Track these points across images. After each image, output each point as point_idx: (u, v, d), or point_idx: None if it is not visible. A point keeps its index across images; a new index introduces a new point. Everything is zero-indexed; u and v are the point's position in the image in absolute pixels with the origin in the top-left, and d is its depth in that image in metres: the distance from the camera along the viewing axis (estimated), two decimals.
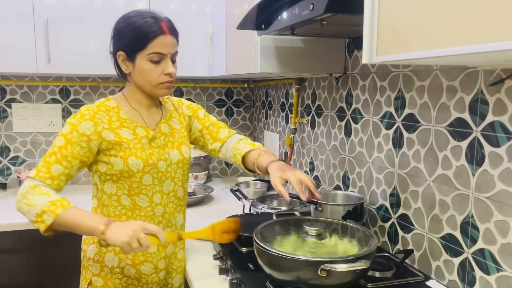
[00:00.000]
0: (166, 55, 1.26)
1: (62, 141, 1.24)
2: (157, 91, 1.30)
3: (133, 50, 1.24)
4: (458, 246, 1.20)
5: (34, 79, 2.48)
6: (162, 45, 1.24)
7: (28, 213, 1.17)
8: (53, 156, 1.23)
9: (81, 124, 1.24)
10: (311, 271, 1.01)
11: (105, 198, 1.31)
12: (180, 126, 1.42)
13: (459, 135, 1.18)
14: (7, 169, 2.50)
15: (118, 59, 1.28)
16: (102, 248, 1.28)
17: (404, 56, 0.81)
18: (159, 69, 1.26)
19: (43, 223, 1.16)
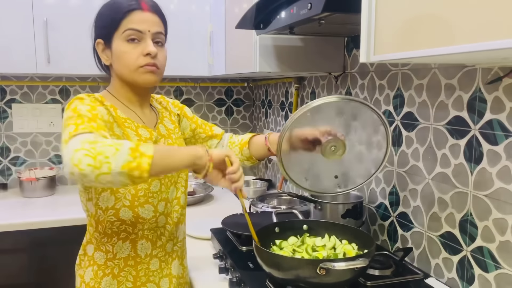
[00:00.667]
0: (144, 33, 1.10)
1: (85, 107, 1.02)
2: (138, 77, 1.12)
3: (109, 32, 1.11)
4: (457, 244, 1.20)
5: (34, 80, 2.49)
6: (139, 21, 1.09)
7: (117, 154, 0.87)
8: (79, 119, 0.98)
9: (98, 106, 1.06)
10: (310, 270, 1.01)
11: (99, 214, 1.14)
12: (174, 126, 1.30)
13: (458, 133, 1.18)
14: (7, 169, 2.51)
15: (98, 49, 1.15)
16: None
17: (401, 55, 0.82)
18: (138, 50, 1.10)
19: (144, 155, 0.88)
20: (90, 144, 0.87)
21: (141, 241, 1.18)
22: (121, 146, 0.88)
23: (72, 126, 0.96)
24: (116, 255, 1.16)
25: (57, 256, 2.03)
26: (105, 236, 1.15)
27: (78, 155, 0.86)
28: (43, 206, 2.21)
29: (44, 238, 2.00)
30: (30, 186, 2.32)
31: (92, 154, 0.86)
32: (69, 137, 0.93)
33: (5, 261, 1.97)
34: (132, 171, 0.87)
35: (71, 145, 0.89)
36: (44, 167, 2.50)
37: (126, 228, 1.15)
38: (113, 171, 0.86)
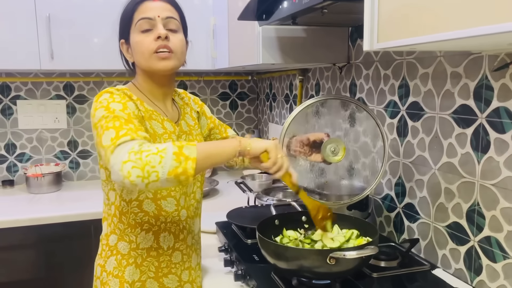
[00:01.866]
0: (154, 19, 1.12)
1: (118, 105, 1.05)
2: (153, 64, 1.13)
3: (126, 30, 1.15)
4: (464, 234, 1.18)
5: (38, 76, 2.49)
6: (148, 9, 1.13)
7: (162, 162, 0.91)
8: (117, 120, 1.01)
9: (128, 102, 1.08)
10: (319, 260, 1.01)
11: (123, 205, 1.16)
12: (194, 123, 1.31)
13: (464, 122, 1.16)
14: (14, 165, 2.52)
15: (123, 50, 1.20)
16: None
17: (405, 41, 0.80)
18: (150, 36, 1.12)
19: (189, 159, 0.92)
20: (135, 154, 0.92)
21: (163, 233, 1.19)
22: (165, 152, 0.92)
23: (112, 131, 0.98)
24: (139, 245, 1.18)
25: (64, 251, 2.04)
26: (128, 227, 1.17)
27: (127, 167, 0.91)
28: (49, 202, 2.22)
29: (51, 233, 2.00)
30: (36, 182, 2.33)
31: (139, 165, 0.91)
32: (113, 144, 0.96)
33: (13, 256, 1.99)
34: (178, 176, 0.92)
35: (118, 156, 0.93)
36: (50, 163, 2.51)
37: (149, 219, 1.17)
38: (161, 178, 0.91)
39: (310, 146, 1.33)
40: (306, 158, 1.34)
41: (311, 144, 1.33)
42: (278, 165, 1.05)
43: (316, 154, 1.33)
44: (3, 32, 2.07)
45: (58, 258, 2.04)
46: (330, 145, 1.30)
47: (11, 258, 1.98)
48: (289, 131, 1.34)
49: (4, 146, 2.49)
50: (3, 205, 2.15)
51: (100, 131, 1.01)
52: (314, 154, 1.33)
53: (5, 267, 1.98)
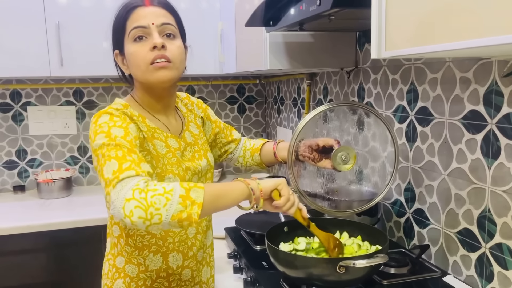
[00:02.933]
0: (148, 28, 1.04)
1: (119, 131, 0.98)
2: (150, 76, 1.05)
3: (120, 40, 1.08)
4: (475, 241, 1.17)
5: (48, 82, 2.52)
6: (141, 17, 1.04)
7: (168, 204, 0.86)
8: (119, 150, 0.94)
9: (129, 125, 1.01)
10: (329, 268, 1.00)
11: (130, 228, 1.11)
12: (199, 131, 1.26)
13: (474, 128, 1.15)
14: (25, 171, 2.55)
15: (117, 61, 1.13)
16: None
17: (413, 50, 0.80)
18: (145, 46, 1.04)
19: (195, 203, 0.88)
20: (140, 193, 0.86)
21: (172, 253, 1.16)
22: (172, 194, 0.87)
23: (115, 163, 0.92)
24: (148, 268, 1.15)
25: (75, 255, 2.06)
26: (136, 250, 1.13)
27: (129, 206, 0.85)
28: (60, 207, 2.24)
29: (62, 238, 2.02)
30: (47, 187, 2.35)
31: (143, 206, 0.85)
32: (116, 178, 0.90)
33: (25, 261, 2.01)
34: (182, 221, 0.88)
35: (121, 192, 0.87)
36: (60, 169, 2.53)
37: (156, 241, 1.13)
38: (163, 222, 0.87)
39: (319, 152, 1.28)
40: (315, 164, 1.29)
41: (320, 150, 1.28)
42: (291, 201, 1.03)
43: (325, 160, 1.26)
44: (14, 40, 2.10)
45: (69, 263, 2.06)
46: (340, 153, 1.25)
47: (22, 262, 2.01)
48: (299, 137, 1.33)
49: (15, 152, 2.52)
50: (15, 211, 2.18)
51: (102, 160, 0.94)
52: (323, 160, 1.27)
53: (17, 272, 2.00)
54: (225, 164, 2.86)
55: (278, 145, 1.35)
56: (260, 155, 1.39)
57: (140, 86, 1.12)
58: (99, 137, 0.98)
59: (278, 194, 1.02)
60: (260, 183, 1.01)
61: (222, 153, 1.41)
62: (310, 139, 1.29)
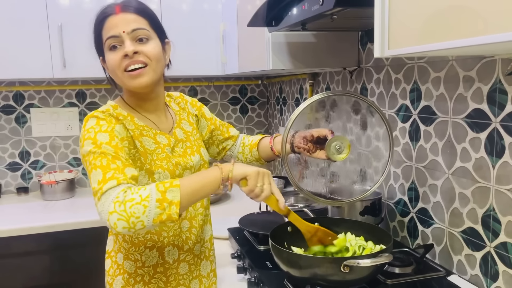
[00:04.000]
0: (120, 36, 1.06)
1: (104, 137, 1.02)
2: (128, 83, 1.08)
3: (100, 48, 1.11)
4: (480, 240, 1.17)
5: (51, 84, 2.52)
6: (112, 26, 1.07)
7: (146, 211, 0.92)
8: (104, 158, 0.99)
9: (116, 126, 1.05)
10: (333, 268, 1.00)
11: None
12: (192, 128, 1.28)
13: (478, 127, 1.15)
14: (28, 173, 2.55)
15: (104, 66, 1.16)
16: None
17: (417, 48, 0.79)
18: (119, 54, 1.07)
19: (172, 204, 0.93)
20: (120, 205, 0.92)
21: (167, 247, 1.17)
22: (149, 201, 0.93)
23: (99, 173, 0.97)
24: (145, 263, 1.16)
25: (79, 257, 2.06)
26: (132, 246, 1.16)
27: (113, 218, 0.92)
28: (63, 209, 2.24)
29: (66, 239, 2.03)
30: (50, 189, 2.36)
31: (124, 217, 0.92)
32: (100, 190, 0.96)
33: (28, 263, 2.01)
34: (164, 222, 0.94)
35: (105, 204, 0.94)
36: (63, 170, 2.54)
37: (151, 236, 1.15)
38: (147, 226, 0.93)
39: (313, 143, 1.30)
40: (310, 155, 1.31)
41: (314, 141, 1.30)
42: (255, 193, 1.05)
43: (320, 151, 1.29)
44: (16, 42, 2.10)
45: (72, 264, 2.06)
46: (334, 142, 1.27)
47: (26, 264, 2.01)
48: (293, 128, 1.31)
49: (18, 154, 2.53)
50: (18, 212, 2.18)
51: (89, 167, 1.00)
52: (318, 151, 1.29)
53: (20, 273, 2.00)
54: None
55: (275, 139, 1.38)
56: (258, 150, 1.41)
57: (125, 89, 1.16)
58: (86, 143, 1.02)
59: (245, 183, 1.05)
60: (233, 169, 1.03)
61: (221, 150, 1.43)
62: (305, 130, 1.31)
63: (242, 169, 1.04)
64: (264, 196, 1.07)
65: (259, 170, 1.06)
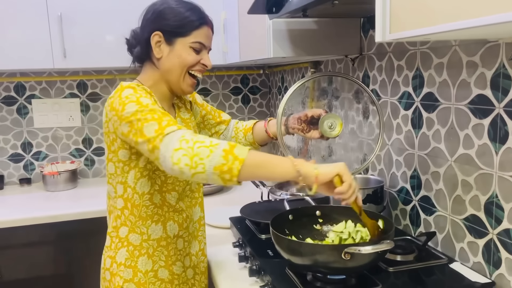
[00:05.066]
0: (205, 47, 1.23)
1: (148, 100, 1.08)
2: (184, 83, 1.22)
3: (175, 33, 1.18)
4: (483, 227, 1.16)
5: (52, 75, 2.52)
6: (206, 36, 1.22)
7: (210, 156, 0.93)
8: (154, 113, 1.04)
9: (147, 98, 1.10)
10: (334, 255, 0.99)
11: (136, 198, 1.19)
12: (189, 115, 1.37)
13: (481, 113, 1.14)
14: (30, 164, 2.56)
15: (152, 40, 1.18)
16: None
17: (419, 31, 0.78)
18: (197, 57, 1.21)
19: (237, 159, 0.93)
20: (187, 143, 0.96)
21: (169, 222, 1.25)
22: (216, 148, 0.95)
23: (154, 123, 1.01)
24: (150, 237, 1.23)
25: (82, 247, 2.07)
26: (140, 219, 1.21)
27: (177, 154, 0.95)
28: (66, 199, 2.25)
29: (69, 230, 2.03)
30: (53, 180, 2.36)
31: (189, 154, 0.94)
32: (161, 134, 0.99)
33: (32, 253, 2.02)
34: (223, 174, 0.94)
35: (169, 144, 0.97)
36: (66, 161, 2.54)
37: (157, 211, 1.22)
38: (207, 171, 0.94)
39: (307, 123, 1.35)
40: (304, 134, 1.36)
41: (308, 121, 1.35)
42: (353, 188, 0.99)
43: (314, 131, 1.35)
44: (16, 33, 2.09)
45: (75, 254, 2.07)
46: (327, 120, 1.32)
47: (30, 254, 2.02)
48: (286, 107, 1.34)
49: (20, 145, 2.53)
50: (21, 203, 2.19)
51: (138, 123, 1.03)
52: (312, 131, 1.35)
53: (24, 264, 2.02)
54: None
55: (269, 122, 1.43)
56: (252, 134, 1.46)
57: (161, 77, 1.22)
58: (129, 106, 1.06)
59: (339, 180, 0.98)
60: (318, 167, 0.98)
61: (213, 134, 1.49)
62: (299, 112, 1.36)
63: (330, 166, 0.98)
64: (355, 195, 1.00)
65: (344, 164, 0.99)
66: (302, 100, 2.31)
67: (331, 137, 1.32)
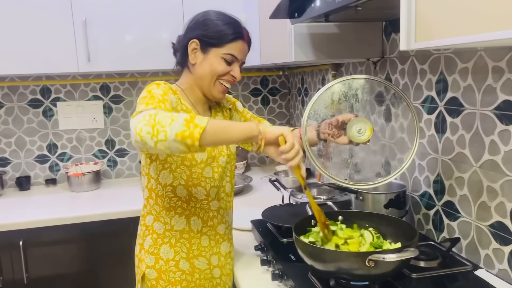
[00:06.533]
0: (238, 60, 1.28)
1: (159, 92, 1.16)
2: (215, 90, 1.28)
3: (210, 43, 1.25)
4: (508, 234, 1.15)
5: (76, 78, 2.57)
6: (239, 50, 1.27)
7: (172, 123, 0.98)
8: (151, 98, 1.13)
9: (170, 94, 1.20)
10: (358, 262, 1.00)
11: (159, 188, 1.27)
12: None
13: (507, 119, 1.12)
14: (55, 165, 2.62)
15: (189, 47, 1.27)
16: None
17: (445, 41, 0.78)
18: (227, 68, 1.27)
19: (197, 126, 0.98)
20: (150, 116, 1.00)
21: (193, 217, 1.30)
22: (178, 117, 0.99)
23: (142, 106, 1.09)
24: (173, 227, 1.29)
25: (105, 247, 2.11)
26: (163, 209, 1.28)
27: (140, 125, 1.00)
28: (90, 200, 2.30)
29: (93, 230, 2.08)
30: (77, 180, 2.42)
31: (151, 124, 0.99)
32: (137, 112, 1.06)
33: (57, 251, 2.08)
34: (185, 139, 0.98)
35: (136, 118, 1.03)
36: (89, 162, 2.59)
37: (181, 204, 1.28)
38: (168, 138, 0.98)
39: (338, 128, 1.35)
40: (334, 139, 1.35)
41: (339, 126, 1.34)
42: (295, 149, 1.06)
43: (343, 137, 1.33)
44: (42, 38, 2.15)
45: (99, 254, 2.12)
46: (356, 125, 1.29)
47: (56, 252, 2.07)
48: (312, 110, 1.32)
49: (46, 146, 2.59)
50: (47, 204, 2.25)
51: (136, 105, 1.13)
52: (342, 136, 1.34)
53: (50, 262, 2.07)
54: (249, 156, 2.87)
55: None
56: None
57: (196, 82, 1.30)
58: (141, 95, 1.16)
59: (283, 140, 1.06)
60: (266, 127, 1.07)
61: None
62: (331, 118, 1.36)
63: (275, 127, 1.09)
64: (298, 159, 1.07)
65: (288, 128, 1.09)
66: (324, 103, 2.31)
67: (360, 142, 1.29)
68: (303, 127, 1.27)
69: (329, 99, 1.94)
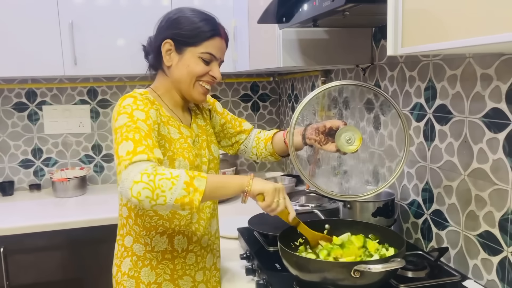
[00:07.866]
0: (217, 59, 1.21)
1: (141, 114, 1.08)
2: (195, 92, 1.21)
3: (186, 43, 1.17)
4: (497, 244, 1.13)
5: (62, 81, 2.53)
6: (218, 48, 1.20)
7: (173, 188, 0.96)
8: (137, 132, 1.04)
9: (151, 110, 1.12)
10: (344, 273, 0.97)
11: (139, 208, 1.19)
12: (205, 123, 1.35)
13: (496, 127, 1.11)
14: (40, 170, 2.57)
15: (163, 48, 1.18)
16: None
17: (432, 46, 0.76)
18: (206, 68, 1.20)
19: (197, 191, 0.97)
20: (149, 176, 0.96)
21: (177, 236, 1.22)
22: (178, 180, 0.97)
23: (131, 144, 1.02)
24: (154, 248, 1.21)
25: (90, 254, 2.06)
26: (144, 229, 1.20)
27: (137, 187, 0.95)
28: (75, 206, 2.25)
29: (78, 236, 2.03)
30: (62, 186, 2.37)
31: (151, 187, 0.95)
32: (128, 160, 0.99)
33: (41, 259, 2.03)
34: (184, 205, 0.98)
35: (131, 173, 0.97)
36: (75, 167, 2.55)
37: (163, 223, 1.20)
38: (168, 203, 0.97)
39: (325, 135, 1.27)
40: (321, 146, 1.28)
41: (326, 132, 1.27)
42: (271, 208, 1.09)
43: (331, 144, 1.26)
44: (28, 40, 2.11)
45: (84, 261, 2.07)
46: (345, 133, 1.21)
47: (38, 260, 2.02)
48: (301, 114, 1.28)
49: (31, 151, 2.54)
50: (31, 209, 2.20)
51: (119, 138, 1.04)
52: (329, 143, 1.27)
53: (34, 269, 2.02)
54: (239, 163, 2.84)
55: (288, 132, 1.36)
56: (272, 143, 1.42)
57: (173, 85, 1.23)
58: (121, 117, 1.07)
59: (262, 198, 1.08)
60: (252, 184, 1.07)
61: (234, 144, 1.46)
62: (318, 122, 1.31)
63: (260, 185, 1.07)
64: (279, 210, 1.10)
65: (275, 186, 1.09)
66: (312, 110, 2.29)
67: (348, 152, 1.23)
68: (290, 134, 1.23)
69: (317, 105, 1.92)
